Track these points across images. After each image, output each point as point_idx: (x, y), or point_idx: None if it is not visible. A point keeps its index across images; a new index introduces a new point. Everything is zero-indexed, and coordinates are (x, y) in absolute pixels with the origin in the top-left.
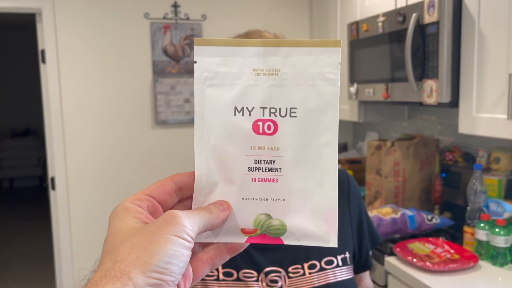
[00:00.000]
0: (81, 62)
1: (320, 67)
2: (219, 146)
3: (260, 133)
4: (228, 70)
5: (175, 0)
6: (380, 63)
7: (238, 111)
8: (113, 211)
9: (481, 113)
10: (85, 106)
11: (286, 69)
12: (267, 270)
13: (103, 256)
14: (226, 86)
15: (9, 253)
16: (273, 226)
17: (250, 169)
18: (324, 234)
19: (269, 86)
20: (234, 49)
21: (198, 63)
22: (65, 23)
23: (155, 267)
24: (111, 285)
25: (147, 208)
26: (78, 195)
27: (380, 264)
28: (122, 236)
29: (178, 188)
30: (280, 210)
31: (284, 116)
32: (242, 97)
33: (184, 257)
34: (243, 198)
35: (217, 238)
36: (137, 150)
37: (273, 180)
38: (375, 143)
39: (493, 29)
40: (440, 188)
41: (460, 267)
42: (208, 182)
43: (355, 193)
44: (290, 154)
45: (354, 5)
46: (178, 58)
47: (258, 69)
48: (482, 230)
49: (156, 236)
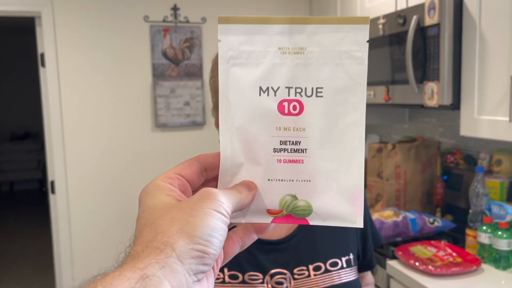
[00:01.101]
0: (80, 66)
1: (347, 45)
2: (244, 127)
3: (285, 113)
4: (253, 49)
5: (174, 3)
6: (380, 66)
7: (263, 91)
8: (144, 189)
9: (482, 115)
10: (84, 110)
11: (312, 47)
12: (272, 272)
13: (140, 230)
14: (250, 65)
15: (9, 257)
16: (299, 207)
17: (275, 150)
18: (350, 214)
19: (295, 65)
20: (259, 26)
21: (222, 42)
22: (64, 26)
23: (198, 239)
24: (154, 256)
25: (178, 186)
26: (78, 198)
27: (382, 268)
28: (159, 211)
29: (204, 168)
30: (305, 191)
31: (310, 96)
32: (267, 76)
33: (223, 231)
34: (268, 179)
35: (245, 218)
36: (137, 154)
37: (298, 161)
38: (376, 145)
39: (494, 30)
40: (441, 191)
41: (463, 270)
42: (234, 163)
43: None
44: (316, 134)
45: (354, 7)
46: (178, 61)
47: (284, 47)
48: (485, 233)
49: (196, 210)
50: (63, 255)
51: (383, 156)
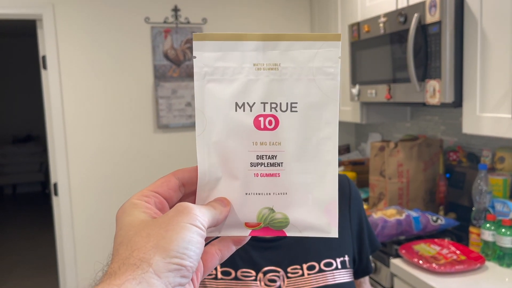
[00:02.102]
0: (82, 68)
1: (320, 61)
2: (221, 142)
3: (261, 128)
4: (228, 65)
5: (175, 4)
6: (382, 64)
7: (239, 106)
8: (120, 208)
9: (485, 112)
10: (86, 111)
11: (286, 64)
12: (265, 269)
13: (116, 248)
14: (226, 81)
15: (13, 260)
16: (276, 219)
17: (252, 164)
18: (325, 225)
19: (270, 81)
20: (233, 43)
21: (197, 58)
22: (65, 29)
23: (174, 253)
24: (131, 272)
25: (154, 204)
26: (81, 200)
27: (386, 266)
28: (135, 228)
29: (181, 184)
30: (282, 203)
31: (285, 111)
32: (243, 92)
33: (200, 244)
34: (246, 193)
35: (221, 232)
36: (139, 155)
37: (275, 175)
38: (378, 144)
39: (495, 28)
40: (444, 189)
41: (467, 268)
42: (211, 178)
43: (356, 197)
44: (292, 148)
45: (355, 6)
46: (179, 62)
47: (258, 63)
48: (488, 231)
49: (171, 225)
50: (67, 257)
51: (386, 155)
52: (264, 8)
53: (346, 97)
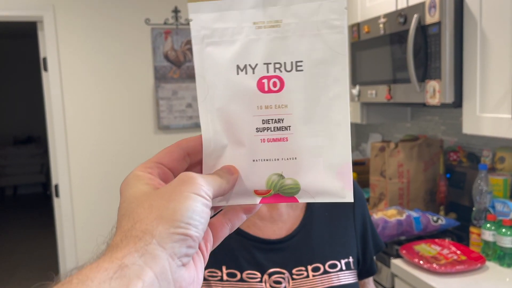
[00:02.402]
0: (82, 69)
1: (324, 14)
2: (224, 108)
3: (265, 91)
4: (226, 25)
5: (175, 6)
6: (382, 65)
7: (241, 69)
8: (124, 181)
9: (485, 113)
10: (87, 113)
11: (288, 19)
12: (271, 271)
13: (119, 220)
14: (226, 43)
15: (14, 261)
16: (287, 185)
17: (258, 129)
18: (339, 189)
19: (272, 40)
20: (231, 1)
21: (194, 20)
22: (66, 30)
23: (178, 223)
24: (133, 245)
25: (158, 175)
26: (82, 201)
27: (387, 267)
28: (137, 199)
29: (186, 154)
30: (292, 169)
31: (290, 70)
32: (244, 53)
33: (205, 213)
34: (253, 160)
35: (229, 201)
36: (140, 156)
37: (283, 139)
38: (379, 144)
39: (495, 28)
40: (445, 189)
41: (467, 268)
42: (217, 145)
43: (360, 198)
44: (299, 110)
45: (355, 6)
46: (180, 63)
47: (258, 21)
48: (489, 231)
49: (175, 195)
50: (68, 258)
51: (386, 155)
52: None
53: None
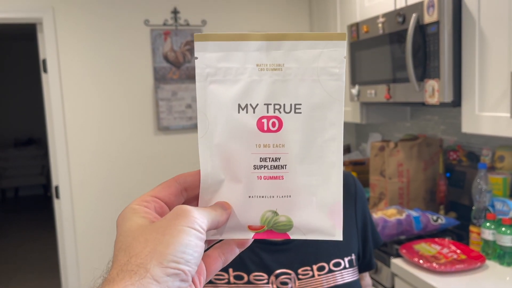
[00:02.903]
0: (82, 71)
1: (324, 61)
2: (224, 144)
3: (264, 130)
4: (230, 65)
5: (174, 7)
6: (381, 64)
7: (242, 108)
8: (120, 214)
9: (484, 112)
10: (87, 114)
11: (290, 64)
12: (277, 272)
13: (116, 254)
14: (229, 82)
15: (15, 263)
16: (280, 222)
17: (255, 167)
18: (329, 228)
19: (273, 82)
20: (236, 43)
21: (199, 59)
22: (65, 32)
23: (171, 257)
24: (129, 279)
25: (154, 209)
26: (82, 203)
27: (386, 266)
28: (133, 233)
29: (183, 189)
30: (286, 206)
31: (289, 112)
32: (246, 93)
33: (198, 247)
34: (249, 196)
35: (223, 235)
36: (140, 157)
37: (278, 178)
38: (378, 144)
39: (493, 27)
40: (444, 188)
41: (467, 267)
42: (214, 180)
43: (361, 196)
44: (295, 150)
45: (354, 6)
46: (179, 64)
47: (262, 64)
48: (488, 230)
49: (169, 229)
50: (69, 260)
51: (386, 155)
52: (263, 9)
53: (346, 97)
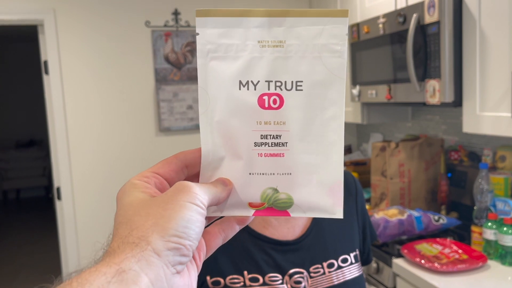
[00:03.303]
0: (83, 72)
1: (326, 38)
2: (224, 121)
3: (265, 107)
4: (232, 42)
5: (175, 8)
6: (382, 65)
7: (243, 85)
8: (121, 189)
9: (485, 111)
10: (88, 116)
11: (291, 41)
12: (291, 272)
13: (116, 227)
14: (229, 59)
15: (17, 264)
16: (280, 199)
17: (256, 144)
18: (329, 206)
19: (274, 59)
20: (237, 19)
21: (200, 35)
22: (67, 34)
23: (173, 231)
24: (130, 251)
25: (154, 184)
26: (84, 204)
27: (388, 266)
28: (134, 207)
29: (184, 166)
30: (286, 184)
31: (290, 89)
32: (247, 70)
33: (199, 222)
34: (250, 173)
35: (224, 212)
36: (141, 158)
37: (279, 155)
38: (380, 144)
39: (494, 27)
40: (446, 188)
41: (469, 267)
42: (215, 157)
43: (361, 194)
44: (296, 128)
45: (354, 7)
46: (180, 65)
47: (263, 40)
48: (490, 230)
49: (170, 203)
50: (71, 261)
51: (387, 155)
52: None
53: (347, 97)
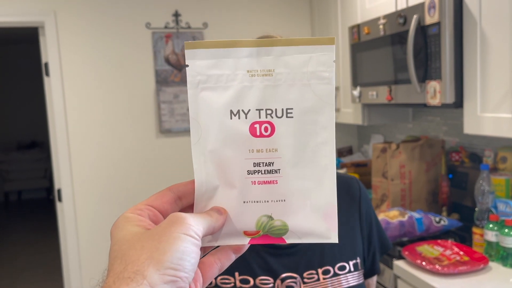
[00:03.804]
0: (84, 74)
1: (314, 65)
2: (217, 151)
3: (257, 135)
4: (221, 72)
5: (176, 9)
6: (382, 66)
7: (234, 114)
8: (114, 224)
9: (486, 112)
10: (89, 117)
11: (280, 69)
12: (283, 276)
13: (111, 263)
14: (220, 89)
15: (18, 265)
16: (275, 227)
17: (249, 172)
18: (324, 231)
19: (264, 87)
20: (226, 50)
21: (190, 66)
22: (67, 35)
23: (168, 264)
24: (125, 286)
25: (148, 217)
26: (85, 206)
27: (389, 268)
28: (128, 241)
29: (177, 197)
30: (281, 210)
31: (281, 117)
32: (237, 99)
33: (195, 253)
34: (244, 202)
35: (219, 241)
36: (142, 160)
37: (272, 182)
38: (380, 145)
39: (495, 28)
40: (447, 190)
41: (470, 269)
42: (208, 187)
43: (365, 199)
44: (288, 154)
45: (355, 8)
46: (181, 66)
47: (252, 70)
48: (491, 231)
49: (164, 236)
50: (71, 262)
51: (388, 156)
52: (264, 12)
53: (348, 99)
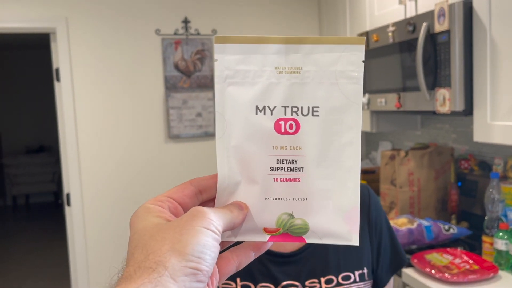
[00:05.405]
0: (94, 80)
1: (343, 65)
2: (241, 146)
3: (282, 132)
4: (249, 68)
5: (185, 16)
6: (391, 73)
7: (260, 110)
8: (134, 213)
9: (495, 120)
10: (98, 122)
11: (308, 67)
12: (284, 284)
13: (132, 252)
14: (247, 84)
15: (26, 270)
16: (296, 225)
17: (272, 169)
18: (345, 233)
19: (291, 85)
20: (255, 46)
21: (218, 61)
22: (78, 41)
23: (190, 256)
24: (147, 276)
25: (168, 208)
26: (93, 210)
27: (398, 276)
28: (149, 232)
29: (198, 191)
30: (302, 209)
31: (306, 115)
32: (264, 95)
33: (215, 248)
34: (265, 198)
35: (238, 237)
36: (151, 165)
37: (295, 180)
38: (389, 153)
39: (505, 35)
40: (456, 197)
41: (480, 278)
42: (231, 182)
43: (375, 207)
44: (312, 153)
45: (364, 15)
46: (190, 73)
47: (280, 67)
48: (501, 240)
49: (186, 229)
50: (79, 267)
51: (396, 164)
52: (273, 18)
53: None
